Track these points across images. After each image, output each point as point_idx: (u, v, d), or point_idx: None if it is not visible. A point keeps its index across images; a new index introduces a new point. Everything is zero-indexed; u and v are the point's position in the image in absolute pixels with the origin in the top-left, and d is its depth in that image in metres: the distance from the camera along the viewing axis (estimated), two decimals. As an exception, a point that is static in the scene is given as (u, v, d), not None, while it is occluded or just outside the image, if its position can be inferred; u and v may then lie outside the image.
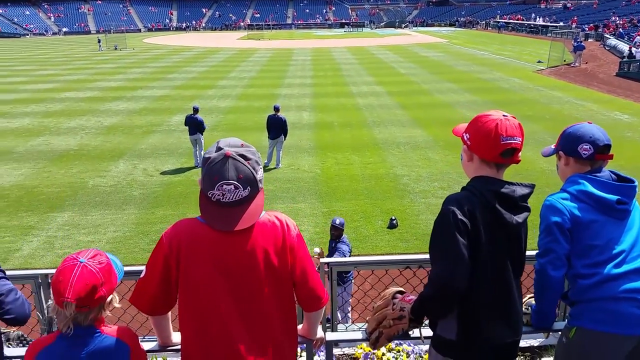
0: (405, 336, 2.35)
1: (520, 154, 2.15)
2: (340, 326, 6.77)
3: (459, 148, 2.31)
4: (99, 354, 1.96)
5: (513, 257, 2.18)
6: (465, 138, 2.19)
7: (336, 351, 3.21)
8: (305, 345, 2.45)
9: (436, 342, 2.22)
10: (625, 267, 2.20)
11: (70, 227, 10.74)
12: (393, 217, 10.46)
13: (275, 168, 14.15)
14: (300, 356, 3.23)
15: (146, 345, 2.29)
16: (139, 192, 12.62)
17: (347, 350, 3.31)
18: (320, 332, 2.38)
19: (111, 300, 2.03)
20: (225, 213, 1.94)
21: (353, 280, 6.64)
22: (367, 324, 2.43)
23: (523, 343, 3.77)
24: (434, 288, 2.06)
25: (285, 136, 14.21)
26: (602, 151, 2.38)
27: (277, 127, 13.99)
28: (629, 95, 24.62)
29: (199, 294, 1.96)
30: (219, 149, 1.98)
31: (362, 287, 3.29)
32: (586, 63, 35.58)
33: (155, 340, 2.33)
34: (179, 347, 2.26)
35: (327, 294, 2.23)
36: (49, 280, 3.22)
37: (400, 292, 2.41)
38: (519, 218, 2.12)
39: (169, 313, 2.18)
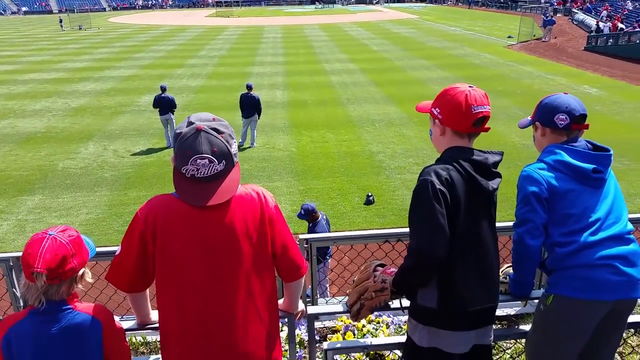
0: (385, 308, 2.36)
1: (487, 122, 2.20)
2: (320, 300, 6.83)
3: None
4: (71, 331, 1.91)
5: (490, 223, 2.22)
6: (436, 112, 2.21)
7: (317, 324, 3.22)
8: (287, 319, 2.43)
9: (416, 312, 2.23)
10: (601, 235, 2.24)
11: (42, 210, 10.48)
12: (369, 194, 10.51)
13: (250, 147, 14.02)
14: (282, 330, 3.24)
15: (125, 324, 2.24)
16: (110, 174, 12.37)
17: (327, 324, 3.33)
18: (301, 305, 2.37)
19: (83, 274, 1.98)
20: (200, 188, 1.90)
21: (332, 255, 6.67)
22: (347, 297, 2.43)
23: (499, 312, 3.84)
24: (414, 259, 2.06)
25: (259, 115, 14.04)
26: (578, 121, 2.39)
27: (250, 106, 13.81)
28: (597, 69, 25.09)
29: (176, 270, 1.92)
30: (190, 123, 1.92)
31: (341, 261, 3.29)
32: (555, 38, 36.04)
33: (134, 319, 2.28)
34: (157, 325, 2.23)
35: (307, 263, 2.22)
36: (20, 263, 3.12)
37: (381, 265, 2.42)
38: (493, 184, 2.17)
39: (147, 291, 2.13)
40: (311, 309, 2.38)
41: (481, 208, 2.16)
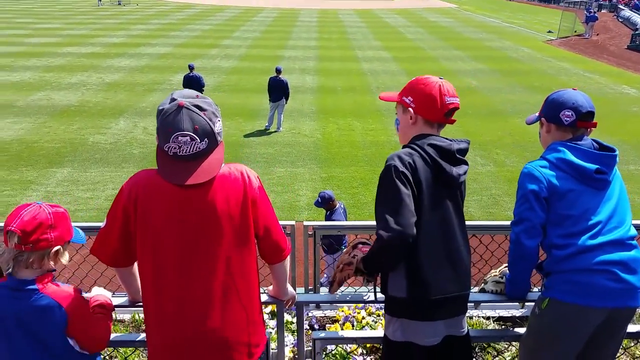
0: (359, 299, 2.38)
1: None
2: (323, 288, 6.88)
3: (463, 117, 2.33)
4: (29, 313, 1.86)
5: (456, 209, 2.23)
6: (408, 101, 2.24)
7: (317, 313, 3.27)
8: (277, 305, 2.46)
9: (389, 304, 2.24)
10: (600, 239, 2.17)
11: (69, 183, 10.79)
12: (391, 185, 10.44)
13: (276, 131, 14.09)
14: (273, 318, 3.27)
15: (116, 301, 2.28)
16: (138, 151, 12.61)
17: (328, 313, 3.36)
18: (291, 292, 2.37)
19: (57, 252, 1.93)
20: (181, 166, 1.87)
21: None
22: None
23: (504, 313, 3.84)
24: (383, 240, 2.04)
25: (286, 99, 14.07)
26: (585, 118, 2.30)
27: (278, 90, 13.84)
28: (638, 70, 24.23)
29: (154, 247, 1.91)
30: (172, 99, 1.90)
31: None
32: (597, 35, 34.87)
33: (126, 296, 2.32)
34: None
35: (289, 246, 2.20)
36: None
37: (363, 243, 2.42)
38: (458, 170, 2.18)
39: (135, 267, 2.10)
40: (300, 297, 2.41)
41: (446, 195, 2.19)
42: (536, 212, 2.22)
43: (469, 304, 2.33)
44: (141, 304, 2.08)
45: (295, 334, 2.91)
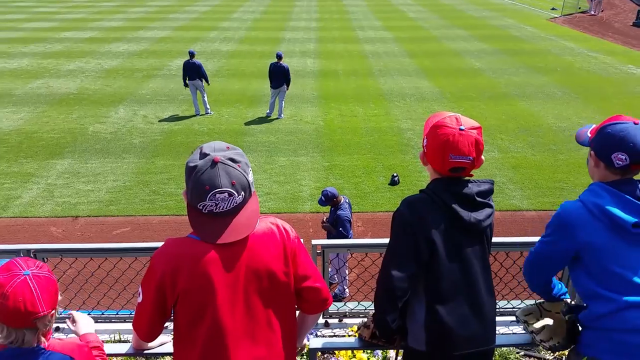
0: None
1: (472, 171, 2.04)
2: (338, 287, 6.79)
3: (466, 101, 2.16)
4: None
5: (478, 257, 2.07)
6: (424, 144, 2.09)
7: (327, 332, 3.18)
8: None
9: (409, 355, 2.15)
10: None
11: (70, 175, 10.70)
12: (395, 174, 10.36)
13: (277, 119, 13.93)
14: None
15: (119, 348, 2.23)
16: (139, 140, 12.49)
17: (337, 332, 3.28)
18: (303, 340, 2.30)
19: (54, 314, 1.83)
20: (221, 223, 1.78)
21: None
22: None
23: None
24: (378, 288, 2.05)
25: (287, 85, 13.86)
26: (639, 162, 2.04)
27: (279, 76, 13.64)
28: (644, 48, 23.88)
29: (200, 315, 1.81)
30: (204, 155, 1.79)
31: (362, 262, 3.23)
32: (602, 11, 34.30)
33: (129, 343, 2.26)
34: (153, 350, 2.22)
35: (330, 294, 2.11)
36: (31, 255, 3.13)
37: None
38: (477, 215, 2.02)
39: None
40: (313, 343, 2.32)
41: (465, 242, 2.03)
42: (558, 247, 2.11)
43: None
44: (147, 350, 2.03)
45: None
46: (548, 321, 2.29)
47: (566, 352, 2.50)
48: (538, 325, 2.29)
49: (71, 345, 1.89)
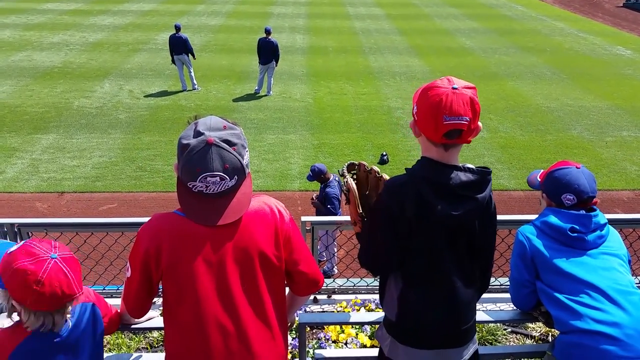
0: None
1: (471, 136, 1.83)
2: (327, 264, 6.81)
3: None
4: (77, 326, 1.85)
5: (456, 253, 1.95)
6: (414, 111, 1.88)
7: (316, 307, 3.18)
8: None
9: (384, 319, 2.15)
10: (594, 302, 2.11)
11: (55, 151, 10.53)
12: (384, 153, 10.33)
13: (266, 95, 13.78)
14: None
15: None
16: (125, 116, 12.30)
17: (326, 307, 3.29)
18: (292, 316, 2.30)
19: None
20: (209, 205, 1.74)
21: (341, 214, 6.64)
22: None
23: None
24: (360, 260, 2.05)
25: (276, 61, 13.67)
26: (586, 202, 2.27)
27: (268, 52, 13.43)
28: (634, 29, 23.92)
29: (186, 293, 1.78)
30: (198, 133, 1.72)
31: (351, 239, 3.21)
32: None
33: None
34: (140, 325, 2.24)
35: (322, 277, 2.09)
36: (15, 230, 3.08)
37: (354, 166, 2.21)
38: (455, 210, 1.85)
39: None
40: (302, 318, 2.31)
41: (441, 235, 1.90)
42: (521, 273, 2.29)
43: None
44: (134, 325, 2.03)
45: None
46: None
47: (553, 330, 2.55)
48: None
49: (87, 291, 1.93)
